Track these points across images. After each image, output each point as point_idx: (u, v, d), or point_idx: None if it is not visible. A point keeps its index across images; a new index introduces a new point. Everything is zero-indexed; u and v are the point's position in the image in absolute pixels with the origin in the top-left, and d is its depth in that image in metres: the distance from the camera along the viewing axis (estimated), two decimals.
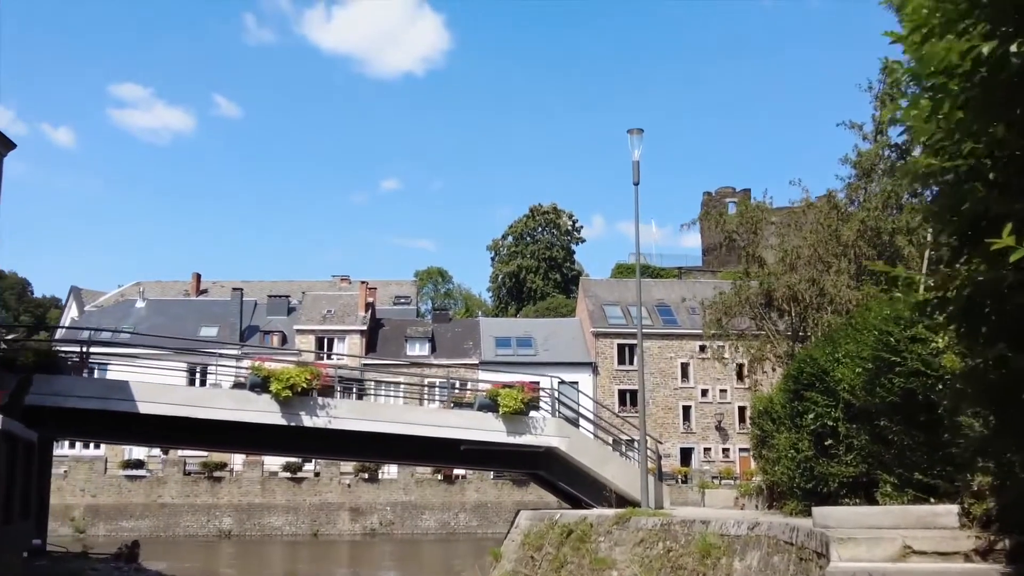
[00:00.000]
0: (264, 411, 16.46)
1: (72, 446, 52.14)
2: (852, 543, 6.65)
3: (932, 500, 7.92)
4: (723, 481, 46.34)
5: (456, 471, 51.49)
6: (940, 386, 7.52)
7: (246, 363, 27.18)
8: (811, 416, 11.10)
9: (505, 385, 17.55)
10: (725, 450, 56.17)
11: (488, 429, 17.14)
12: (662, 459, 54.87)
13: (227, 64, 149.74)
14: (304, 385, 16.49)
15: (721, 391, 56.49)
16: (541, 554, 15.76)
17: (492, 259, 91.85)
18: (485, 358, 54.22)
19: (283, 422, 16.53)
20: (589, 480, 17.40)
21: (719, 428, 56.53)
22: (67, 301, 70.65)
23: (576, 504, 18.11)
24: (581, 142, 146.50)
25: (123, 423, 16.76)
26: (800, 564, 8.77)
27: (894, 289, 8.93)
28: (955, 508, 7.26)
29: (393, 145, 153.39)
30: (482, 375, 46.61)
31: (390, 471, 52.41)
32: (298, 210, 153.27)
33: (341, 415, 16.79)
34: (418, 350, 54.97)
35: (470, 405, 17.64)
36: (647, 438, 19.92)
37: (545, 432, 17.38)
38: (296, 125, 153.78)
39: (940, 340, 7.40)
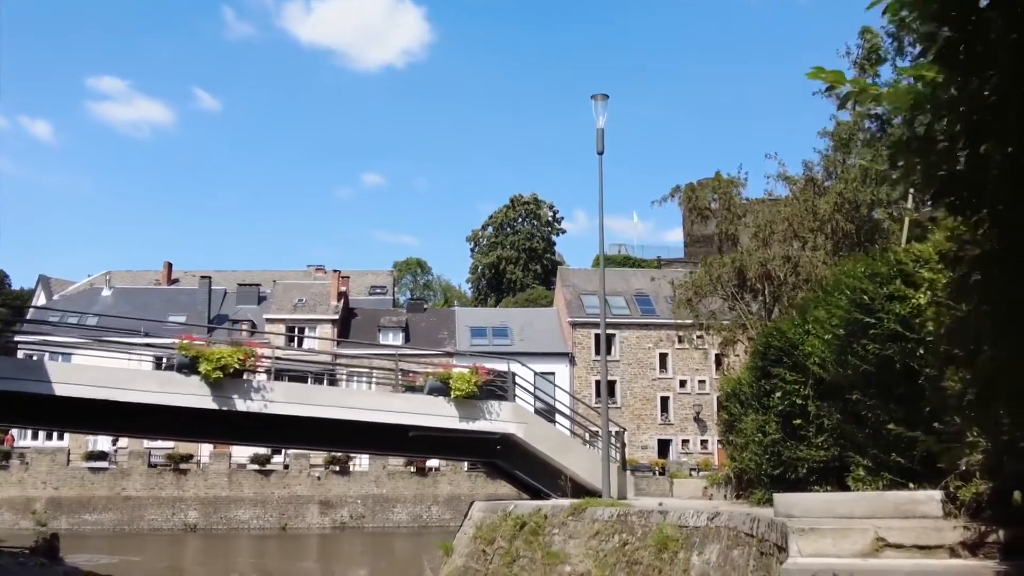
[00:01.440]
0: (193, 394, 15.23)
1: (35, 437, 50.77)
2: (815, 535, 5.54)
3: (912, 485, 6.82)
4: (701, 473, 45.41)
5: (429, 463, 50.40)
6: (921, 350, 6.41)
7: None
8: (778, 395, 10.00)
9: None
10: (703, 441, 55.22)
11: (439, 414, 15.96)
12: (643, 450, 54.83)
13: (207, 58, 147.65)
14: (236, 366, 15.27)
15: (700, 382, 55.56)
16: (493, 548, 14.63)
17: (472, 250, 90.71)
18: (460, 348, 53.02)
19: (213, 406, 15.28)
20: (549, 469, 16.28)
21: (698, 419, 55.61)
22: (36, 290, 68.95)
23: (536, 495, 17.00)
24: (564, 137, 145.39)
25: (38, 406, 15.47)
26: (760, 559, 7.67)
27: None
28: (938, 494, 6.17)
29: (375, 139, 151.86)
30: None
31: (361, 463, 51.25)
32: (281, 204, 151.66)
33: (277, 399, 15.55)
34: (391, 340, 53.70)
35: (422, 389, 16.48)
36: (611, 426, 18.87)
37: (501, 418, 16.23)
38: (277, 119, 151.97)
39: (922, 295, 6.28)
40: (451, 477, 51.48)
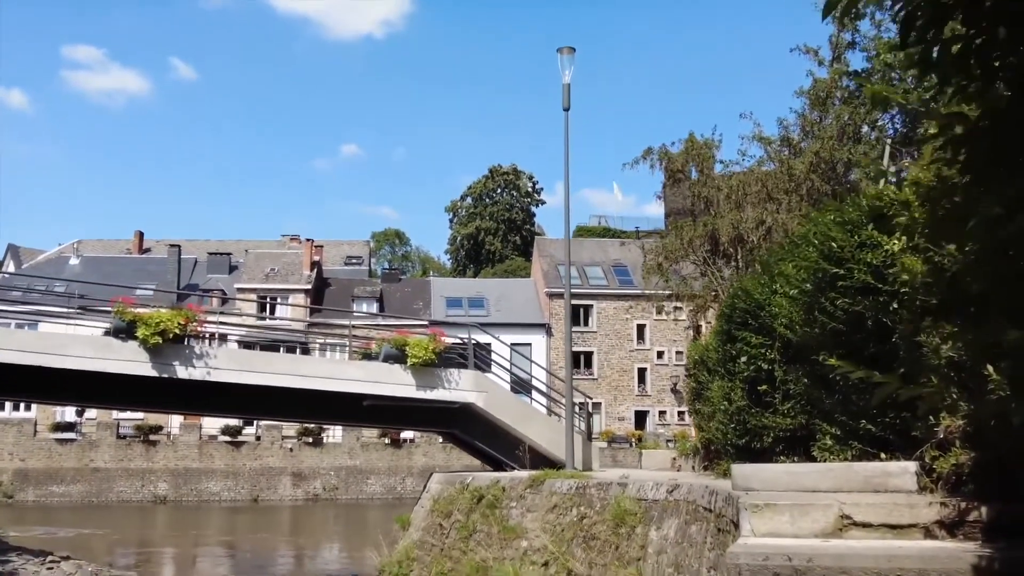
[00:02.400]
0: (130, 360, 14.33)
1: (1, 407, 49.65)
2: (770, 512, 4.83)
3: (884, 456, 6.14)
4: (677, 444, 44.98)
5: (404, 434, 49.81)
6: (894, 305, 5.69)
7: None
8: (744, 360, 9.30)
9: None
10: (680, 413, 54.72)
11: (395, 382, 15.18)
12: (620, 421, 54.40)
13: (183, 27, 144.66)
14: (177, 331, 14.41)
15: (677, 353, 54.99)
16: (450, 521, 13.96)
17: (451, 221, 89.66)
18: (435, 318, 52.24)
19: (153, 373, 14.43)
20: (510, 440, 15.58)
21: (675, 391, 55.20)
22: (4, 259, 67.49)
23: (498, 466, 16.32)
24: (544, 109, 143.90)
25: None
26: (718, 536, 6.99)
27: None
28: (912, 465, 5.49)
29: (354, 110, 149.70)
30: None
31: (335, 435, 50.64)
32: (258, 175, 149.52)
33: (221, 365, 14.73)
34: (365, 309, 52.78)
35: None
36: (579, 397, 18.23)
37: (460, 386, 15.48)
38: (254, 89, 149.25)
39: (896, 242, 5.54)
40: (426, 448, 50.95)
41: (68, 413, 48.90)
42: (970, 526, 4.39)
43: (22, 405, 48.92)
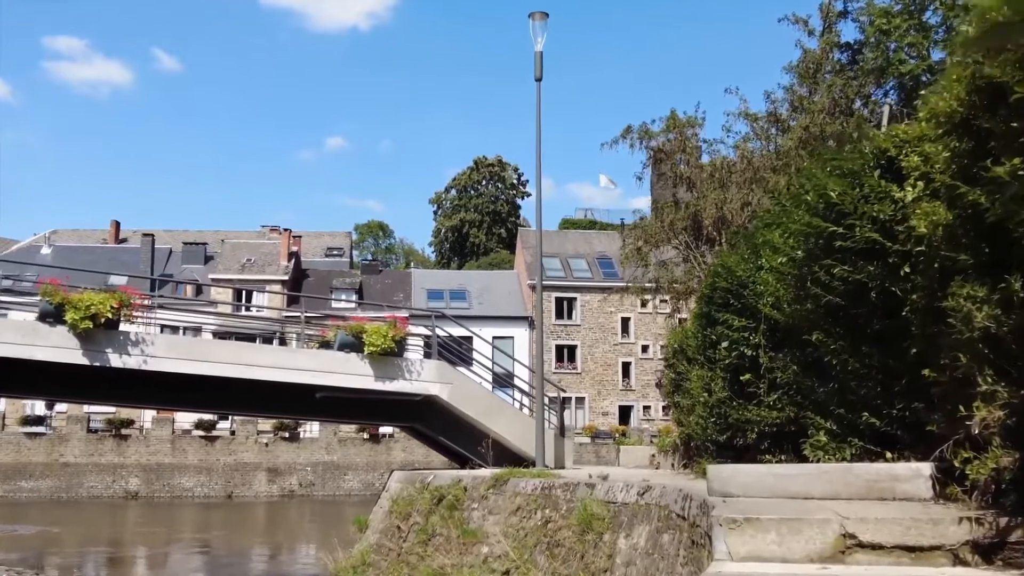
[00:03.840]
0: (58, 347, 13.12)
1: None
2: (752, 528, 3.75)
3: (889, 455, 5.08)
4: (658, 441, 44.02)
5: (383, 429, 48.71)
6: (906, 268, 4.62)
7: (162, 315, 23.73)
8: (724, 346, 8.25)
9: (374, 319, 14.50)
10: (665, 408, 53.73)
11: (350, 373, 14.02)
12: (604, 416, 53.37)
13: (166, 18, 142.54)
14: (109, 315, 13.19)
15: (662, 347, 53.88)
16: (408, 524, 12.87)
17: (435, 213, 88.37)
18: (417, 312, 51.12)
19: (84, 361, 13.21)
20: (477, 435, 14.47)
21: (659, 385, 54.07)
22: None
23: (463, 463, 15.23)
24: (530, 101, 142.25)
25: None
26: (692, 550, 5.91)
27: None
28: (926, 467, 4.43)
29: (339, 102, 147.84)
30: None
31: (312, 429, 49.46)
32: (242, 167, 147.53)
33: (158, 353, 13.51)
34: (344, 302, 51.59)
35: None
36: (555, 391, 17.18)
37: (422, 377, 14.35)
38: (238, 80, 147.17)
39: (909, 190, 4.46)
40: (405, 444, 49.73)
41: (38, 407, 47.59)
42: (1013, 549, 3.33)
43: None
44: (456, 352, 16.72)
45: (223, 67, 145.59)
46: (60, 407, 47.22)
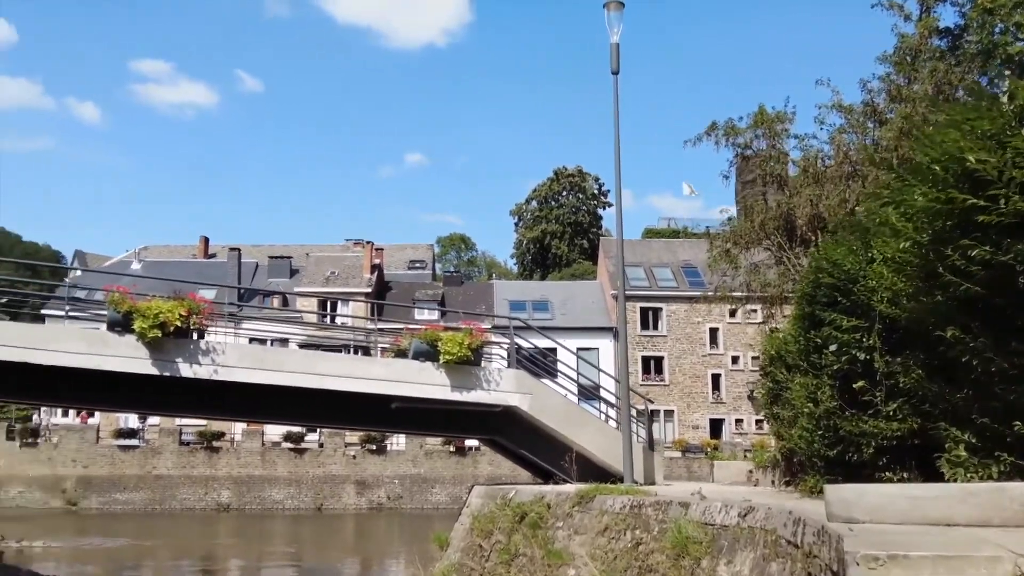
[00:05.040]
0: (128, 356, 12.92)
1: (65, 414, 49.82)
2: (899, 569, 2.99)
3: None
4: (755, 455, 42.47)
5: (469, 442, 48.37)
6: None
7: (249, 325, 23.89)
8: (832, 349, 7.41)
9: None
10: (759, 421, 51.96)
11: (426, 382, 13.49)
12: (694, 430, 51.91)
13: (247, 39, 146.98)
14: (178, 323, 12.94)
15: (753, 358, 52.23)
16: (490, 542, 12.25)
17: (516, 225, 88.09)
18: (498, 322, 50.70)
19: (153, 371, 13.02)
20: (560, 448, 13.78)
21: (752, 398, 52.37)
22: (72, 264, 68.42)
23: (546, 478, 14.56)
24: (608, 114, 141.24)
25: None
26: None
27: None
28: None
29: (417, 118, 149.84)
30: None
31: (398, 442, 49.52)
32: (324, 185, 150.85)
33: (229, 363, 13.24)
34: (427, 314, 51.54)
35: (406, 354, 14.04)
36: (641, 403, 16.37)
37: (501, 387, 13.73)
38: (319, 99, 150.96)
39: None
40: (491, 457, 49.22)
41: (131, 419, 48.75)
42: None
43: (81, 412, 48.86)
44: (540, 363, 16.08)
45: (304, 86, 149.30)
46: (153, 420, 48.29)
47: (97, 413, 48.00)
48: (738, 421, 52.89)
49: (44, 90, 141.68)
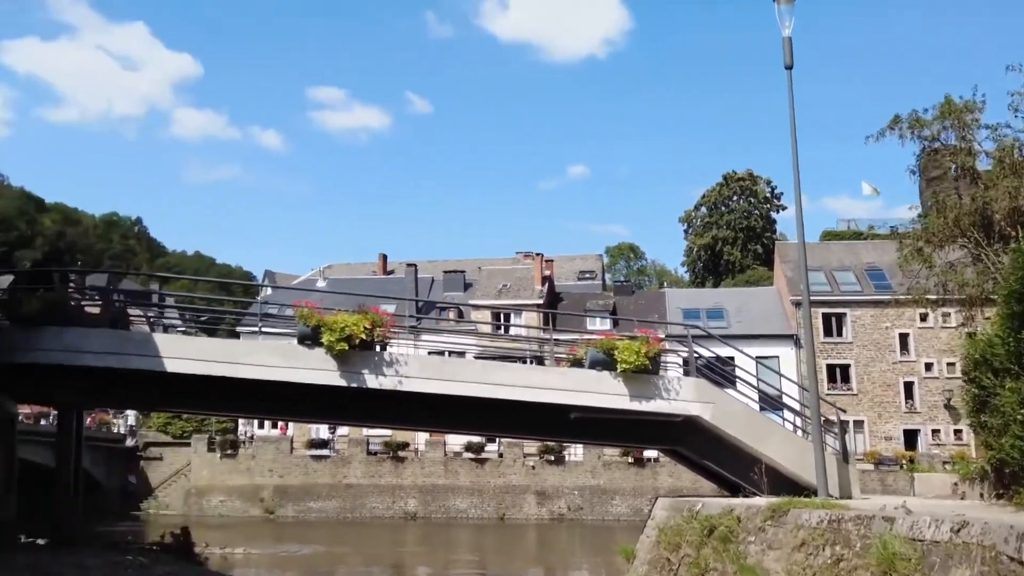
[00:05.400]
0: (317, 369, 13.57)
1: (261, 425, 52.97)
2: None
3: None
4: (956, 467, 39.66)
5: (648, 453, 47.90)
6: None
7: (426, 337, 24.79)
8: None
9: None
10: (957, 431, 48.58)
11: (603, 392, 13.43)
12: (886, 441, 49.16)
13: (415, 61, 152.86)
14: (363, 336, 13.50)
15: (949, 364, 48.96)
16: (679, 555, 12.09)
17: (685, 232, 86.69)
18: (671, 331, 49.90)
19: (341, 382, 13.60)
20: (745, 459, 13.39)
21: (949, 407, 49.14)
22: (263, 283, 73.14)
23: (733, 490, 14.18)
24: (776, 116, 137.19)
25: (148, 385, 14.57)
26: None
27: None
28: None
29: (578, 130, 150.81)
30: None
31: (576, 453, 49.78)
32: (492, 199, 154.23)
33: (412, 374, 13.66)
34: (599, 324, 51.52)
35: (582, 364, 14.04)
36: (832, 413, 15.72)
37: (681, 396, 13.50)
38: (484, 115, 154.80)
39: None
40: (671, 468, 48.55)
41: (322, 430, 51.30)
42: None
43: (277, 423, 51.89)
44: (718, 372, 15.75)
45: (469, 104, 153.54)
46: (342, 430, 50.66)
47: (291, 425, 50.89)
48: (935, 431, 49.71)
49: (229, 120, 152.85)
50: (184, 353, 13.95)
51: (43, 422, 39.91)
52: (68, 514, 15.82)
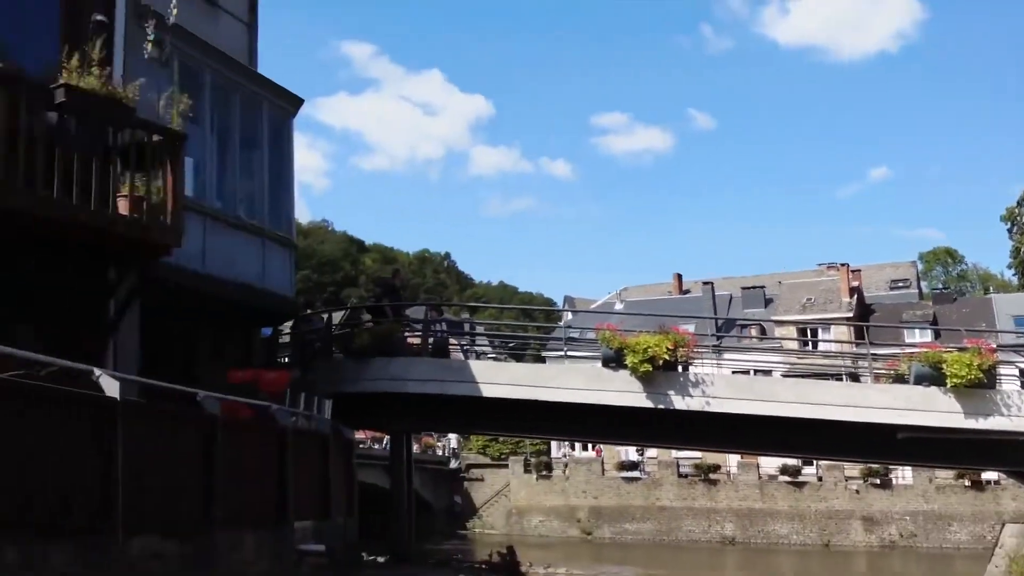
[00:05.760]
0: (622, 391, 13.62)
1: (572, 447, 54.39)
2: None
3: None
4: None
5: (986, 475, 43.35)
6: None
7: (728, 356, 24.55)
8: None
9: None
10: None
11: (932, 409, 12.30)
12: None
13: (695, 78, 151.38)
14: (666, 356, 13.40)
15: None
16: None
17: (1009, 231, 77.41)
18: (1003, 341, 44.91)
19: (647, 404, 13.51)
20: None
21: None
22: (564, 308, 75.68)
23: None
24: None
25: (465, 409, 15.27)
26: None
27: None
28: None
29: (876, 131, 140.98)
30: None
31: (904, 476, 45.96)
32: (786, 211, 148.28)
33: (719, 394, 13.30)
34: (918, 336, 47.67)
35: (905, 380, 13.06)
36: None
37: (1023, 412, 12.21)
38: (770, 126, 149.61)
39: None
40: (1014, 491, 43.42)
41: (631, 452, 51.69)
42: None
43: (590, 445, 53.00)
44: None
45: (753, 114, 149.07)
46: (650, 452, 50.62)
47: (603, 448, 51.86)
48: None
49: (521, 154, 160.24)
50: (496, 379, 14.67)
51: (376, 446, 43.15)
52: (403, 533, 16.71)
